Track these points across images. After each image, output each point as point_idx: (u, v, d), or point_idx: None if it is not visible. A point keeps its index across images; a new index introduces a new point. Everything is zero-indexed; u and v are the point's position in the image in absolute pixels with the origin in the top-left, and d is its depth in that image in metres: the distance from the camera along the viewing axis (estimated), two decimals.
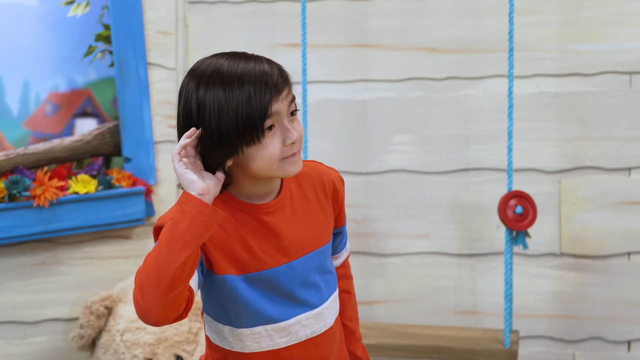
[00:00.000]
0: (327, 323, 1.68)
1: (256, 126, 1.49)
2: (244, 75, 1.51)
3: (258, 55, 1.57)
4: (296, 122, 1.56)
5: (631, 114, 2.77)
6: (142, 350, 2.58)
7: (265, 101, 1.49)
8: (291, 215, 1.63)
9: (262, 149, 1.52)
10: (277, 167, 1.54)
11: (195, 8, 2.96)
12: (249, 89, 1.49)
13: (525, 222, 2.58)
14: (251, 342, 1.63)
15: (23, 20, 2.79)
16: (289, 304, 1.64)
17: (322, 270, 1.67)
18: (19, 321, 2.79)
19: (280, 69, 1.56)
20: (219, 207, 1.52)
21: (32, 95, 2.80)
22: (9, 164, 2.72)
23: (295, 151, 1.55)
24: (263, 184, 1.59)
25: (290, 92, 1.55)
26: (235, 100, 1.48)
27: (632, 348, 2.81)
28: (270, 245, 1.61)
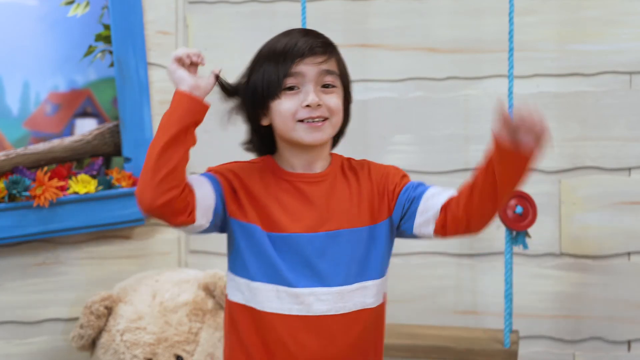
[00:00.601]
0: (346, 306, 1.68)
1: (276, 81, 1.66)
2: (280, 42, 1.70)
3: (308, 30, 1.74)
4: (326, 94, 1.68)
5: (631, 114, 2.77)
6: (142, 350, 2.58)
7: (287, 62, 1.66)
8: (331, 190, 1.70)
9: (280, 104, 1.67)
10: (292, 127, 1.67)
11: (195, 8, 2.96)
12: (279, 51, 1.68)
13: (525, 222, 2.58)
14: (263, 299, 1.67)
15: (23, 20, 2.79)
16: (306, 273, 1.66)
17: (357, 254, 1.69)
18: (19, 321, 2.79)
19: (324, 41, 1.69)
20: (263, 171, 1.69)
21: (32, 95, 2.80)
22: (9, 164, 2.72)
23: (312, 117, 1.66)
24: (300, 153, 1.70)
25: (326, 63, 1.67)
26: (266, 60, 1.70)
27: (632, 348, 2.80)
28: (302, 213, 1.68)
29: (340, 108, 1.70)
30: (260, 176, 1.72)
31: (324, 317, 1.67)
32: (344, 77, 1.73)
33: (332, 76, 1.69)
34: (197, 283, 2.68)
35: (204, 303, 2.65)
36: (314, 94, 1.66)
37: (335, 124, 1.71)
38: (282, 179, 1.71)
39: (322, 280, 1.67)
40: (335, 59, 1.71)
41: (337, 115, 1.70)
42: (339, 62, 1.72)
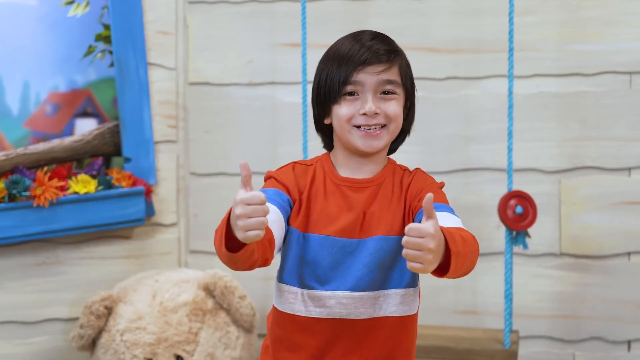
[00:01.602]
0: (368, 312, 1.70)
1: (337, 87, 1.70)
2: (343, 49, 1.72)
3: (377, 35, 1.75)
4: (386, 101, 1.71)
5: (631, 114, 2.77)
6: (142, 350, 2.58)
7: (349, 69, 1.69)
8: (374, 197, 1.73)
9: (339, 109, 1.71)
10: (347, 132, 1.71)
11: (195, 8, 2.96)
12: (342, 56, 1.71)
13: (525, 222, 2.58)
14: (285, 300, 1.71)
15: (23, 20, 2.79)
16: (331, 276, 1.69)
17: (384, 262, 1.70)
18: (19, 321, 2.79)
19: (385, 50, 1.71)
20: (317, 170, 1.73)
21: (32, 95, 2.80)
22: (9, 164, 2.72)
23: (367, 124, 1.70)
24: (354, 157, 1.74)
25: (386, 72, 1.70)
26: (331, 62, 1.72)
27: (632, 348, 2.81)
28: (340, 217, 1.70)
29: (399, 115, 1.73)
30: (312, 177, 1.75)
31: (345, 320, 1.69)
32: (407, 82, 1.76)
33: (392, 85, 1.72)
34: (197, 283, 2.68)
35: (204, 303, 2.65)
36: (372, 102, 1.70)
37: (393, 131, 1.74)
38: (331, 182, 1.74)
39: (345, 284, 1.69)
40: (398, 65, 1.74)
41: (394, 122, 1.73)
42: (401, 68, 1.74)
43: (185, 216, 2.99)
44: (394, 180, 1.77)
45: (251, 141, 2.95)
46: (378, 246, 1.70)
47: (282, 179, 1.74)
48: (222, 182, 2.97)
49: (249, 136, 2.95)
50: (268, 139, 2.92)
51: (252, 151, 2.95)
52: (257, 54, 2.94)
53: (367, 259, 1.70)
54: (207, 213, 2.98)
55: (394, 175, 1.78)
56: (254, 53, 2.95)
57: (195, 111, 2.97)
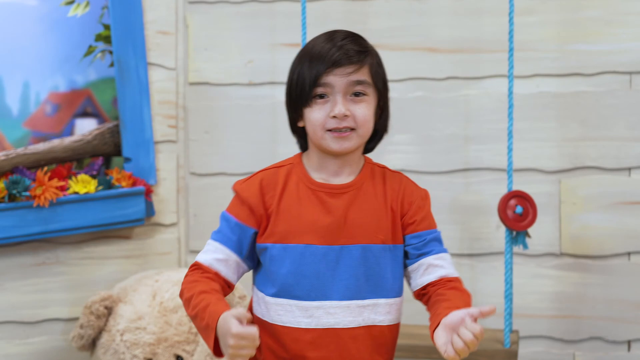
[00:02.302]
0: (355, 321, 1.69)
1: (306, 90, 1.69)
2: (315, 49, 1.71)
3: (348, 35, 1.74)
4: (356, 103, 1.69)
5: (631, 114, 2.77)
6: (142, 350, 2.58)
7: (318, 70, 1.68)
8: (354, 202, 1.71)
9: (311, 112, 1.70)
10: (320, 136, 1.70)
11: (195, 8, 2.96)
12: (313, 56, 1.70)
13: (525, 222, 2.57)
14: (274, 312, 1.70)
15: (23, 20, 2.79)
16: (317, 285, 1.68)
17: (369, 271, 1.70)
18: (19, 321, 2.79)
19: (355, 50, 1.70)
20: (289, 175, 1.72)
21: (32, 95, 2.80)
22: (9, 164, 2.72)
23: (338, 127, 1.68)
24: (329, 158, 1.73)
25: (356, 73, 1.69)
26: (301, 68, 1.72)
27: (632, 348, 2.80)
28: (320, 224, 1.69)
29: (368, 118, 1.71)
30: (283, 184, 1.74)
31: (333, 330, 1.68)
32: (378, 82, 1.74)
33: (362, 86, 1.70)
34: None
35: None
36: (342, 104, 1.68)
37: (362, 134, 1.72)
38: (306, 187, 1.72)
39: (332, 294, 1.68)
40: (369, 65, 1.72)
41: (363, 127, 1.71)
42: (372, 68, 1.73)
43: (185, 216, 2.99)
44: (374, 182, 1.75)
45: (251, 141, 2.95)
46: (364, 254, 1.69)
47: (247, 197, 1.71)
48: (222, 182, 2.96)
49: (249, 136, 2.95)
50: (268, 139, 2.92)
51: (252, 151, 2.95)
52: (257, 54, 2.94)
53: (353, 267, 1.68)
54: (207, 213, 2.97)
55: (374, 178, 1.76)
56: (254, 53, 2.94)
57: (195, 111, 2.97)
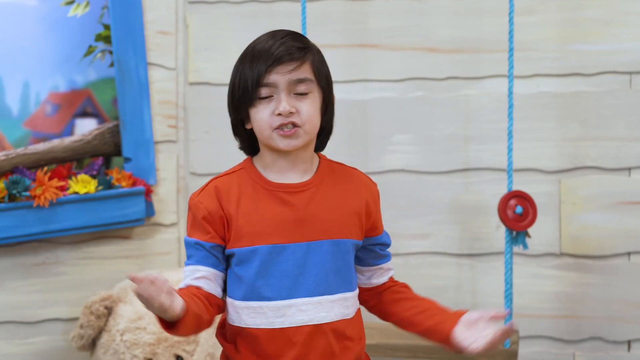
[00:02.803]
0: (328, 316, 1.69)
1: (249, 90, 1.68)
2: (256, 48, 1.71)
3: (289, 33, 1.73)
4: (300, 101, 1.68)
5: (631, 114, 2.77)
6: (142, 350, 2.58)
7: (260, 70, 1.67)
8: (315, 198, 1.70)
9: (256, 113, 1.69)
10: (268, 135, 1.68)
11: (195, 8, 2.96)
12: (254, 59, 1.69)
13: (525, 222, 2.57)
14: (247, 316, 1.68)
15: (23, 20, 2.79)
16: (287, 284, 1.67)
17: (337, 265, 1.70)
18: (19, 321, 2.79)
19: (296, 47, 1.69)
20: (243, 180, 1.72)
21: (32, 95, 2.80)
22: (9, 164, 2.72)
23: (283, 123, 1.67)
24: (280, 157, 1.71)
25: (297, 70, 1.68)
26: (243, 68, 1.71)
27: (632, 348, 2.80)
28: (282, 223, 1.67)
29: (313, 114, 1.70)
30: (238, 189, 1.72)
31: (307, 327, 1.68)
32: (321, 79, 1.72)
33: (304, 83, 1.69)
34: None
35: None
36: (286, 102, 1.67)
37: (308, 131, 1.70)
38: (263, 188, 1.71)
39: (303, 291, 1.67)
40: (310, 61, 1.71)
41: (309, 123, 1.69)
42: (314, 64, 1.71)
43: (185, 216, 2.99)
44: (334, 178, 1.74)
45: None
46: (331, 249, 1.68)
47: (204, 210, 1.69)
48: None
49: None
50: None
51: None
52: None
53: (322, 262, 1.68)
54: None
55: (333, 174, 1.75)
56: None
57: (195, 111, 2.97)
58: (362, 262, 1.78)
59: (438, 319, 1.74)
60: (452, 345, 1.71)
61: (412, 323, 1.76)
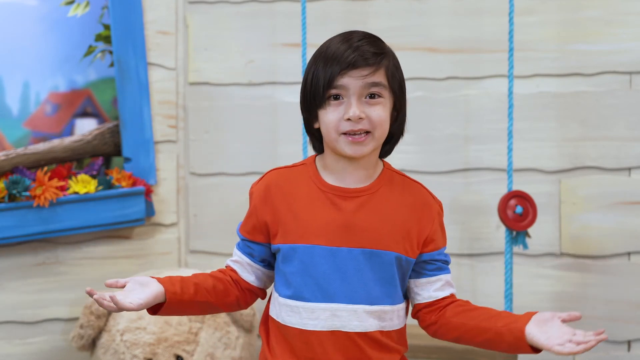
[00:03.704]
0: (362, 325, 1.68)
1: (320, 92, 1.66)
2: (331, 49, 1.68)
3: (365, 36, 1.70)
4: (371, 106, 1.67)
5: (631, 114, 2.77)
6: (142, 350, 2.58)
7: (333, 72, 1.65)
8: (366, 206, 1.68)
9: (325, 115, 1.67)
10: (334, 138, 1.67)
11: (195, 8, 2.96)
12: (328, 57, 1.67)
13: (525, 222, 2.58)
14: (285, 313, 1.70)
15: (23, 20, 2.79)
16: (323, 287, 1.67)
17: (379, 276, 1.68)
18: (19, 321, 2.79)
19: (371, 52, 1.67)
20: (301, 176, 1.72)
21: (32, 95, 2.80)
22: (9, 164, 2.72)
23: (353, 130, 1.66)
24: (343, 162, 1.70)
25: (372, 75, 1.66)
26: (316, 68, 1.68)
27: (632, 348, 2.80)
28: (329, 225, 1.67)
29: (384, 120, 1.69)
30: (293, 185, 1.72)
31: (339, 332, 1.67)
32: (394, 84, 1.71)
33: (377, 87, 1.67)
34: None
35: None
36: (356, 107, 1.65)
37: (379, 137, 1.69)
38: (317, 188, 1.70)
39: (339, 297, 1.67)
40: (385, 67, 1.69)
41: (380, 128, 1.68)
42: (388, 70, 1.70)
43: (185, 216, 2.99)
44: (392, 189, 1.72)
45: (251, 141, 2.95)
46: (372, 259, 1.67)
47: (255, 205, 1.72)
48: (222, 182, 2.97)
49: (249, 136, 2.95)
50: (268, 139, 2.92)
51: (252, 151, 2.95)
52: (257, 54, 2.94)
53: (361, 271, 1.67)
54: (207, 213, 2.98)
55: (392, 185, 1.73)
56: (254, 53, 2.95)
57: (195, 111, 2.97)
58: (419, 275, 1.74)
59: (509, 320, 1.68)
60: (526, 344, 1.64)
61: (481, 329, 1.70)
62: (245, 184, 1.81)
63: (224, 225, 2.90)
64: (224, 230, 2.91)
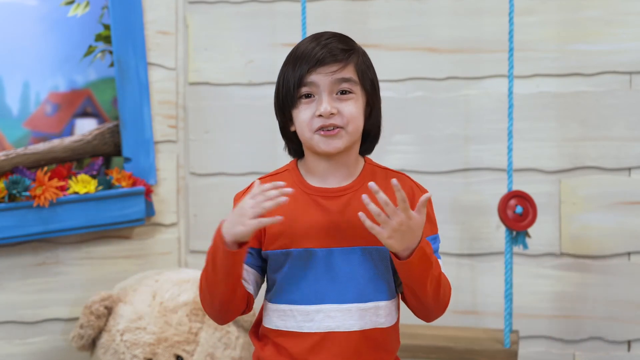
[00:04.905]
0: (357, 324, 1.67)
1: (291, 91, 1.67)
2: (300, 49, 1.70)
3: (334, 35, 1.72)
4: (343, 102, 1.67)
5: (631, 114, 2.77)
6: (142, 350, 2.58)
7: (302, 71, 1.66)
8: (352, 204, 1.67)
9: (299, 114, 1.68)
10: (309, 137, 1.67)
11: (195, 8, 2.96)
12: (297, 57, 1.68)
13: (525, 222, 2.58)
14: (277, 319, 1.69)
15: (23, 20, 2.79)
16: (316, 289, 1.66)
17: (371, 273, 1.68)
18: (19, 321, 2.79)
19: (339, 49, 1.68)
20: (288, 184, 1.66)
21: (32, 95, 2.80)
22: (9, 164, 2.72)
23: (325, 125, 1.65)
24: (323, 161, 1.70)
25: (341, 71, 1.66)
26: (286, 70, 1.69)
27: (632, 348, 2.81)
28: (318, 227, 1.66)
29: (356, 115, 1.68)
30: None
31: (334, 333, 1.67)
32: (365, 81, 1.71)
33: (347, 83, 1.67)
34: (197, 283, 2.68)
35: None
36: (327, 103, 1.65)
37: (352, 131, 1.68)
38: (301, 191, 1.70)
39: (332, 297, 1.66)
40: (354, 63, 1.69)
41: (352, 123, 1.68)
42: (357, 66, 1.70)
43: (185, 216, 2.99)
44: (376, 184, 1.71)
45: (251, 141, 2.95)
46: (364, 257, 1.67)
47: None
48: (222, 182, 2.97)
49: (249, 136, 2.95)
50: (268, 139, 2.92)
51: (252, 151, 2.95)
52: (257, 54, 2.94)
53: (353, 270, 1.66)
54: (207, 213, 2.98)
55: (375, 180, 1.70)
56: (254, 53, 2.95)
57: (195, 111, 2.97)
58: None
59: None
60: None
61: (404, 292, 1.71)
62: (246, 184, 1.80)
63: None
64: None
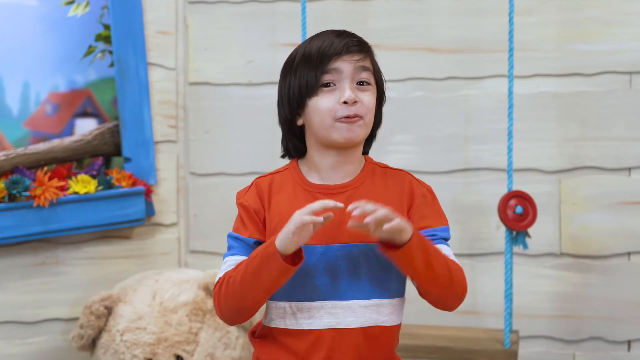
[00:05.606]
0: (358, 321, 1.66)
1: (314, 78, 1.65)
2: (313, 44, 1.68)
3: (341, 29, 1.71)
4: (362, 92, 1.67)
5: (631, 114, 2.77)
6: (142, 350, 2.58)
7: (326, 57, 1.65)
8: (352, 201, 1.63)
9: (319, 101, 1.65)
10: (330, 125, 1.65)
11: (195, 8, 2.96)
12: (314, 52, 1.66)
13: (525, 222, 2.57)
14: (276, 316, 1.69)
15: (23, 20, 2.79)
16: (316, 286, 1.65)
17: (373, 270, 1.67)
18: (19, 321, 2.79)
19: (359, 40, 1.69)
20: (285, 179, 1.68)
21: (32, 95, 2.80)
22: (9, 164, 2.72)
23: (349, 114, 1.65)
24: (330, 154, 1.69)
25: (362, 61, 1.67)
26: (302, 64, 1.67)
27: (632, 348, 2.81)
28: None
29: (373, 106, 1.69)
30: (278, 188, 1.71)
31: (335, 330, 1.66)
32: (378, 75, 1.72)
33: (367, 72, 1.68)
34: (197, 283, 2.68)
35: (203, 303, 2.65)
36: (350, 90, 1.65)
37: (368, 122, 1.69)
38: (302, 189, 1.69)
39: (333, 294, 1.66)
40: (371, 56, 1.70)
41: (370, 114, 1.68)
42: (373, 59, 1.71)
43: (185, 216, 2.99)
44: (374, 180, 1.72)
45: (251, 141, 2.95)
46: (365, 253, 1.66)
47: (249, 207, 1.70)
48: (222, 182, 2.97)
49: (249, 136, 2.95)
50: (268, 139, 2.92)
51: (252, 151, 2.95)
52: (257, 54, 2.94)
53: (355, 266, 1.66)
54: (207, 213, 2.98)
55: (374, 176, 1.72)
56: (254, 53, 2.95)
57: (195, 111, 2.97)
58: None
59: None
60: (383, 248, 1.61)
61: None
62: (246, 184, 1.80)
63: (224, 225, 2.89)
64: (224, 230, 2.90)
